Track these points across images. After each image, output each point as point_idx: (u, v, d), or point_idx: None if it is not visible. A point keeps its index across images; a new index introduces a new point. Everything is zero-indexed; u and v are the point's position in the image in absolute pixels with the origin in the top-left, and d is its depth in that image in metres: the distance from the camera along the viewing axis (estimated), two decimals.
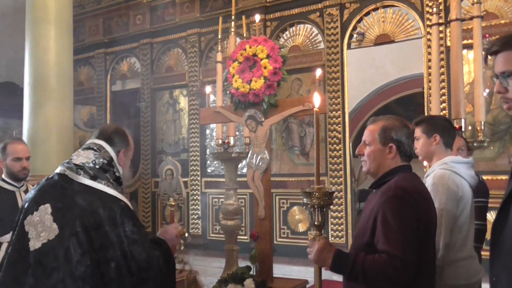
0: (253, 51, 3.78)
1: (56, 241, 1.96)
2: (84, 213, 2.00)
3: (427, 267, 2.15)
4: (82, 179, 2.09)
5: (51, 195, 2.07)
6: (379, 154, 2.29)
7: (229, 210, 5.30)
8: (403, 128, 2.27)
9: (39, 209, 2.03)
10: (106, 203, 2.05)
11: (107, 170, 2.18)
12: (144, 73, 9.51)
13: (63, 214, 2.00)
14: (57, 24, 5.70)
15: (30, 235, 1.99)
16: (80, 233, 1.97)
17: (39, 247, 1.97)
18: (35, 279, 1.95)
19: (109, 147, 2.24)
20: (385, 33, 7.10)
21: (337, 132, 7.25)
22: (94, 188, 2.09)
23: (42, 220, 2.00)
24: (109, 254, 1.99)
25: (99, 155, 2.19)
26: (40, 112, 5.54)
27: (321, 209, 2.07)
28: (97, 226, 1.99)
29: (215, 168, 8.67)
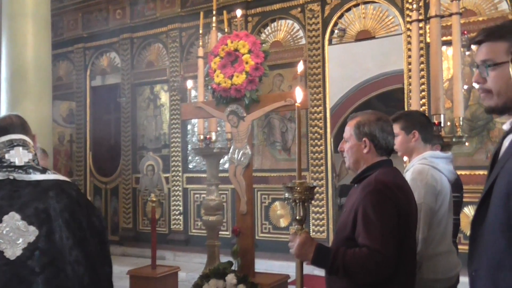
0: (234, 46, 3.77)
1: (38, 241, 1.96)
2: (57, 205, 2.01)
3: (407, 261, 2.17)
4: (34, 177, 2.04)
5: (9, 203, 2.01)
6: (356, 149, 2.31)
7: (211, 206, 5.30)
8: (377, 122, 2.29)
9: (3, 220, 1.98)
10: (66, 190, 2.06)
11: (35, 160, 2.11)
12: (125, 68, 9.42)
13: (37, 214, 1.99)
14: (35, 18, 5.60)
15: (4, 247, 1.95)
16: (61, 225, 2.00)
17: (20, 254, 1.95)
18: (25, 285, 1.94)
19: (27, 138, 2.14)
20: (366, 29, 7.14)
21: (319, 128, 7.28)
22: (51, 180, 2.07)
23: (14, 228, 1.98)
24: (88, 235, 2.04)
25: (29, 149, 2.11)
26: (18, 107, 5.44)
27: (302, 203, 2.08)
28: (71, 213, 2.02)
29: (196, 164, 8.64)
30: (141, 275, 4.37)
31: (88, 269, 2.02)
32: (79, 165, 9.90)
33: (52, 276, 1.96)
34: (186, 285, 5.48)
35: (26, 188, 2.02)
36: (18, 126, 2.13)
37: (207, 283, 3.64)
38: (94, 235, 2.07)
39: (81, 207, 2.07)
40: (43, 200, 2.00)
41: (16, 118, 2.17)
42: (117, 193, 9.44)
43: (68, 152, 10.34)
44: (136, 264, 6.25)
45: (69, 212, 2.01)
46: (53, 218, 2.00)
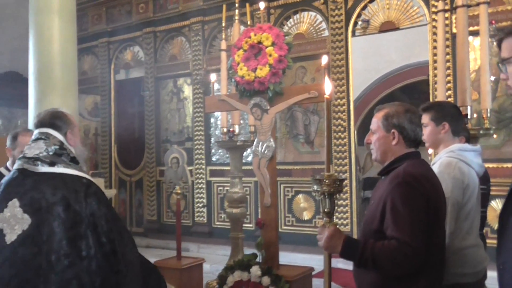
0: (258, 38, 3.76)
1: (30, 229, 2.09)
2: (51, 197, 2.13)
3: (436, 254, 2.15)
4: (41, 169, 2.19)
5: (15, 190, 2.18)
6: (384, 141, 2.30)
7: (235, 198, 5.32)
8: (405, 113, 2.27)
9: (8, 205, 2.15)
10: (69, 183, 2.17)
11: (61, 154, 2.27)
12: (148, 62, 9.49)
13: (31, 204, 2.12)
14: (61, 13, 5.67)
15: (5, 231, 2.12)
16: (51, 217, 2.10)
17: (14, 239, 2.10)
18: (15, 269, 2.08)
19: (56, 132, 2.31)
20: (390, 20, 7.05)
21: (342, 120, 7.23)
22: (55, 173, 2.19)
23: (13, 214, 2.13)
24: (82, 230, 2.11)
25: (49, 142, 2.27)
26: (45, 101, 5.53)
27: (331, 196, 2.08)
28: (66, 207, 2.11)
29: (219, 157, 8.68)
30: (166, 266, 4.41)
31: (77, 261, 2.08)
32: (104, 158, 10.04)
33: (39, 266, 2.06)
34: (210, 276, 5.52)
35: (30, 178, 2.18)
36: (46, 122, 2.33)
37: (232, 275, 3.67)
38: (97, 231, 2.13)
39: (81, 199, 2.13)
40: (39, 191, 2.14)
41: (47, 114, 2.37)
42: (142, 185, 9.55)
43: (93, 145, 10.50)
44: (161, 256, 6.31)
45: (64, 205, 2.11)
46: (45, 209, 2.11)
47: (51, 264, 2.07)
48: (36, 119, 2.38)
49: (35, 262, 2.07)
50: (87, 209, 2.14)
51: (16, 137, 3.46)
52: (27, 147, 2.30)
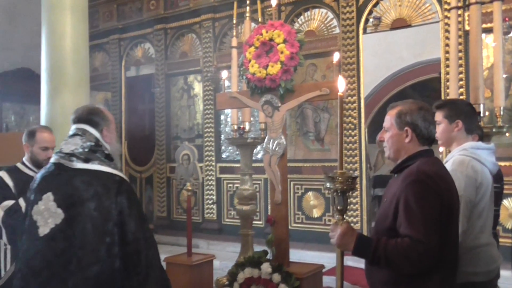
0: (269, 35, 3.75)
1: (63, 224, 2.14)
2: (84, 193, 2.16)
3: (449, 252, 2.15)
4: (76, 165, 2.23)
5: (50, 183, 2.23)
6: (397, 139, 2.29)
7: (245, 195, 5.33)
8: (419, 111, 2.26)
9: (42, 198, 2.20)
10: (102, 180, 2.20)
11: (96, 150, 2.30)
12: (158, 59, 9.52)
13: (65, 199, 2.17)
14: (73, 10, 5.70)
15: (39, 223, 2.18)
16: (83, 212, 2.14)
17: (47, 232, 2.16)
18: (45, 262, 2.14)
19: (92, 128, 2.34)
20: (401, 17, 7.00)
21: (353, 118, 7.21)
22: (89, 169, 2.23)
23: (47, 207, 2.18)
24: (110, 227, 2.15)
25: (85, 138, 2.31)
26: (57, 98, 5.58)
27: (344, 193, 2.08)
28: (97, 203, 2.15)
29: (229, 154, 8.69)
30: (177, 263, 4.43)
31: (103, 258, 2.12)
32: None
33: (68, 261, 2.11)
34: (219, 273, 5.54)
35: (65, 173, 2.23)
36: (84, 118, 2.36)
37: (242, 272, 3.67)
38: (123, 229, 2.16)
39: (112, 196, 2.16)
40: (73, 186, 2.18)
41: (85, 110, 2.41)
42: (152, 182, 9.59)
43: None
44: (171, 252, 6.34)
45: (95, 202, 2.15)
46: (77, 205, 2.15)
47: (79, 260, 2.11)
48: (74, 114, 2.40)
49: (64, 256, 2.12)
50: (117, 206, 2.17)
51: (34, 133, 3.49)
52: (63, 142, 2.33)
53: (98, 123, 2.37)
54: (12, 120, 10.12)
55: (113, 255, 2.14)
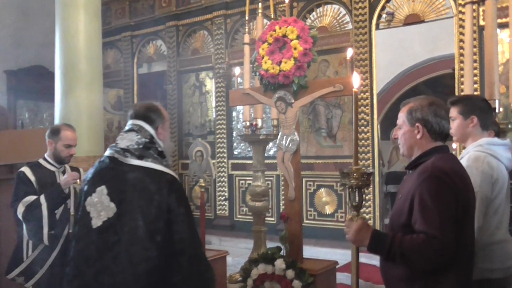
0: (283, 32, 3.75)
1: (115, 218, 2.18)
2: (136, 190, 2.20)
3: (465, 248, 2.14)
4: (130, 161, 2.25)
5: (105, 177, 2.27)
6: (409, 135, 2.29)
7: (257, 192, 5.34)
8: (430, 106, 2.25)
9: (96, 190, 2.25)
10: (154, 178, 2.22)
11: (149, 147, 2.32)
12: (170, 56, 9.54)
13: (118, 193, 2.21)
14: (86, 7, 5.74)
15: (92, 215, 2.22)
16: (135, 209, 2.18)
17: (100, 224, 2.20)
18: (98, 253, 2.18)
19: (148, 125, 2.37)
20: (414, 12, 6.95)
21: (365, 114, 7.17)
22: (142, 166, 2.25)
23: (100, 200, 2.23)
24: (161, 225, 2.17)
25: (141, 135, 2.33)
26: (71, 95, 5.62)
27: (359, 189, 2.07)
28: (149, 201, 2.18)
29: (241, 150, 8.70)
30: None
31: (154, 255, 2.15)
32: None
33: (118, 255, 2.15)
34: (232, 269, 5.56)
35: (119, 168, 2.26)
36: (141, 114, 2.39)
37: (256, 268, 3.68)
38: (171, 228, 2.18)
39: (163, 194, 2.19)
40: (125, 182, 2.22)
41: (142, 106, 2.44)
42: None
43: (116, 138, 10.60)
44: None
45: (146, 199, 2.18)
46: (128, 201, 2.19)
47: (130, 256, 2.15)
48: (132, 110, 2.44)
49: (115, 250, 2.16)
50: (167, 205, 2.19)
51: (59, 131, 3.60)
52: (119, 137, 2.36)
53: (154, 120, 2.39)
54: (26, 117, 10.21)
55: (162, 254, 2.16)
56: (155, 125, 2.38)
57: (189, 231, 2.22)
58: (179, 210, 2.21)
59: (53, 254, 3.48)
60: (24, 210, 3.33)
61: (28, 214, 3.34)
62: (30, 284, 3.46)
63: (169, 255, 2.18)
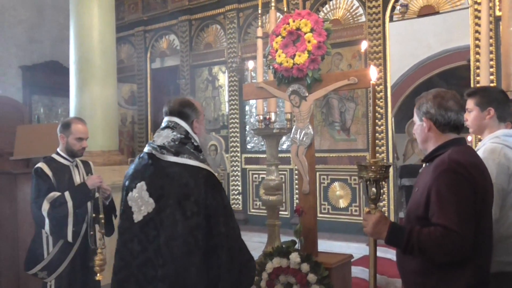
0: (296, 25, 3.73)
1: (154, 213, 2.24)
2: (174, 186, 2.24)
3: (483, 241, 2.12)
4: (167, 157, 2.30)
5: (144, 173, 2.33)
6: (420, 130, 2.31)
7: (271, 186, 5.33)
8: (434, 99, 2.25)
9: (136, 186, 2.32)
10: (191, 174, 2.26)
11: (185, 143, 2.36)
12: (183, 50, 9.56)
13: (156, 189, 2.26)
14: (100, 2, 5.75)
15: (133, 209, 2.30)
16: (173, 204, 2.22)
17: (140, 219, 2.28)
18: (141, 246, 2.26)
19: (182, 121, 2.40)
20: (429, 4, 6.87)
21: (379, 107, 7.13)
22: (178, 163, 2.29)
23: (140, 196, 2.30)
24: (200, 220, 2.21)
25: (176, 131, 2.38)
26: (85, 90, 5.65)
27: (377, 182, 2.07)
28: (187, 196, 2.22)
29: (254, 144, 8.71)
30: None
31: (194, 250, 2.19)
32: (140, 146, 10.21)
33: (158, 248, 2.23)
34: None
35: (157, 164, 2.31)
36: (174, 111, 2.43)
37: (271, 261, 3.69)
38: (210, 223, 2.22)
39: (200, 190, 2.23)
40: (163, 179, 2.27)
41: (176, 102, 2.47)
42: None
43: (130, 133, 10.69)
44: None
45: (184, 195, 2.22)
46: (166, 197, 2.24)
47: (170, 249, 2.20)
48: (166, 107, 2.47)
49: (155, 244, 2.23)
50: (204, 200, 2.22)
51: (70, 125, 3.61)
52: (156, 134, 2.42)
53: (189, 115, 2.42)
54: (41, 112, 10.31)
55: (201, 247, 2.20)
56: (189, 120, 2.42)
57: (226, 224, 2.26)
58: (216, 204, 2.25)
59: (73, 250, 3.52)
60: (49, 207, 3.36)
61: (53, 210, 3.36)
62: (52, 278, 3.50)
63: (208, 249, 2.22)
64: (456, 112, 2.25)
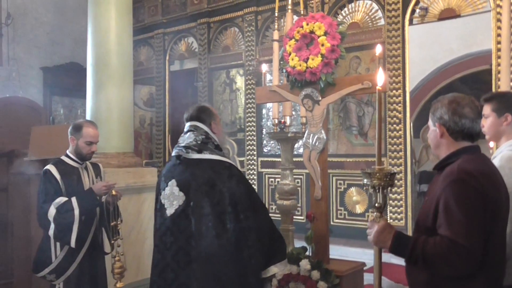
0: (310, 28, 3.68)
1: (184, 204, 2.58)
2: (201, 178, 2.57)
3: (494, 254, 2.03)
4: (192, 155, 2.66)
5: (173, 172, 2.69)
6: (433, 136, 2.25)
7: (285, 190, 5.27)
8: (449, 105, 2.16)
9: (168, 184, 2.67)
10: (214, 167, 2.61)
11: (207, 142, 2.72)
12: (201, 53, 9.57)
13: (185, 184, 2.60)
14: (117, 4, 5.77)
15: (166, 206, 2.64)
16: (201, 195, 2.54)
17: (172, 212, 2.61)
18: (173, 237, 2.59)
19: (201, 124, 2.79)
20: (450, 7, 6.74)
21: (397, 112, 7.02)
22: (202, 158, 2.65)
23: (172, 192, 2.64)
24: (225, 206, 2.52)
25: (197, 133, 2.74)
26: (101, 92, 5.67)
27: (382, 190, 2.01)
28: (212, 186, 2.55)
29: (271, 148, 8.65)
30: None
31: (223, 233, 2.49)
32: (158, 148, 10.25)
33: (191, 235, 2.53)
34: None
35: (184, 162, 2.67)
36: (194, 116, 2.84)
37: None
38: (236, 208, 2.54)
39: (224, 180, 2.56)
40: (190, 173, 2.61)
41: (194, 109, 2.87)
42: None
43: (148, 135, 10.74)
44: None
45: (210, 185, 2.55)
46: (194, 188, 2.57)
47: (201, 234, 2.51)
48: (186, 114, 2.88)
49: (187, 232, 2.55)
50: (228, 189, 2.55)
51: (81, 128, 3.60)
52: (181, 138, 2.78)
53: (205, 118, 2.80)
54: (61, 114, 10.44)
55: (229, 232, 2.50)
56: (207, 122, 2.79)
57: (253, 208, 2.58)
58: (240, 191, 2.57)
59: (81, 253, 3.52)
60: (56, 213, 3.36)
61: (59, 216, 3.36)
62: (60, 281, 3.51)
63: (238, 232, 2.51)
64: (471, 120, 2.16)
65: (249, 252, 2.52)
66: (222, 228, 2.49)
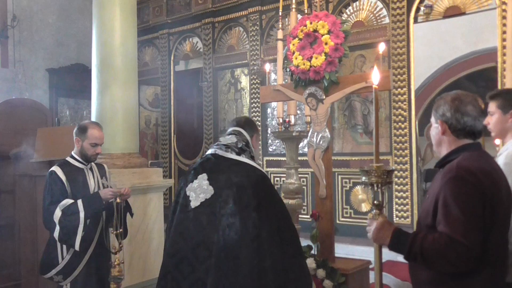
0: (313, 27, 3.68)
1: (212, 198, 2.60)
2: (234, 179, 2.60)
3: (496, 251, 2.02)
4: (230, 155, 2.72)
5: (206, 167, 2.72)
6: (435, 133, 2.25)
7: (291, 189, 5.27)
8: (451, 102, 2.16)
9: (198, 177, 2.69)
10: (250, 171, 2.66)
11: (245, 150, 2.80)
12: (206, 53, 9.58)
13: (216, 179, 2.63)
14: (122, 5, 5.78)
15: (191, 198, 2.65)
16: (230, 193, 2.56)
17: (197, 205, 2.62)
18: (195, 229, 2.59)
19: (245, 132, 2.89)
20: (455, 4, 6.71)
21: (402, 110, 7.00)
22: (239, 160, 2.70)
23: (200, 185, 2.66)
24: (250, 211, 2.51)
25: (240, 138, 2.84)
26: (106, 93, 5.68)
27: (380, 187, 2.01)
28: (243, 189, 2.56)
29: (276, 147, 8.65)
30: None
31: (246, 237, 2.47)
32: (164, 148, 10.28)
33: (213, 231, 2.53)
34: None
35: (220, 160, 2.72)
36: (241, 123, 2.96)
37: None
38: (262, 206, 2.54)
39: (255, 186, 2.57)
40: (224, 172, 2.64)
41: (242, 118, 3.04)
42: None
43: (154, 135, 10.77)
44: None
45: (241, 187, 2.56)
46: (225, 187, 2.59)
47: (225, 232, 2.49)
48: (234, 120, 3.01)
49: (210, 226, 2.55)
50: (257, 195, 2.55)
51: (86, 129, 3.62)
52: (222, 138, 2.87)
53: (250, 130, 2.92)
54: (67, 115, 10.48)
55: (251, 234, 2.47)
56: (250, 134, 2.90)
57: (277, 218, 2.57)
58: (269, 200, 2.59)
59: (88, 254, 3.54)
60: (61, 215, 3.38)
61: (65, 219, 3.38)
62: (68, 281, 3.53)
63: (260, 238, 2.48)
64: (474, 118, 2.15)
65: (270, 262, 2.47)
66: (246, 232, 2.47)
